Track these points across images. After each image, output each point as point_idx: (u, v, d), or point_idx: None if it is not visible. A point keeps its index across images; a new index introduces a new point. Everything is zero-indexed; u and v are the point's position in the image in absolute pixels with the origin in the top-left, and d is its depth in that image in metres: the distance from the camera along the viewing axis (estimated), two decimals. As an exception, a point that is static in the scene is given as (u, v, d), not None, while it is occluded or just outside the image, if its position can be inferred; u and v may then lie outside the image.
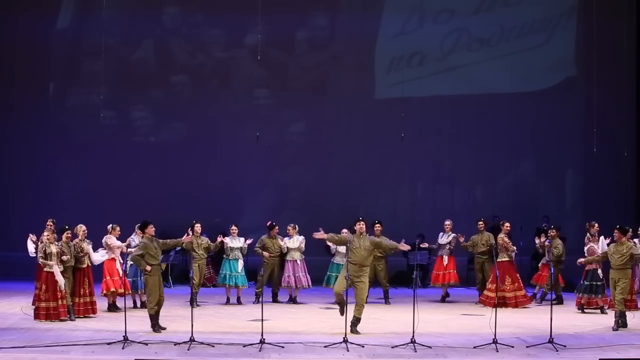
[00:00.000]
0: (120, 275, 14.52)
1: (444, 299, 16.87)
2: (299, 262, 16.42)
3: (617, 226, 13.53)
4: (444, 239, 16.94)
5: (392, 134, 19.58)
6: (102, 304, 14.67)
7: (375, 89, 21.30)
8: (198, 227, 15.69)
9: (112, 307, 14.70)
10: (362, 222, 12.85)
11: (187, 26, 21.22)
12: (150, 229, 12.89)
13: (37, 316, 13.35)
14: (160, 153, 20.82)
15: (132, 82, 20.88)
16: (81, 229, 14.04)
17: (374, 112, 21.05)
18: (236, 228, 16.30)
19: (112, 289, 14.53)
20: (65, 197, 20.47)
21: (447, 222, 16.99)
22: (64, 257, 13.45)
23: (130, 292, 14.81)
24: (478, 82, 21.03)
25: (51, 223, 14.15)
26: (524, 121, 20.99)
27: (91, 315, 13.95)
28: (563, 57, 21.14)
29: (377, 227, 16.34)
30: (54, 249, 13.36)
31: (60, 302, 13.31)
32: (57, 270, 13.29)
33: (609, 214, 20.21)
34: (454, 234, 16.80)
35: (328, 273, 16.62)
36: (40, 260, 13.33)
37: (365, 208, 21.07)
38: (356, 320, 12.70)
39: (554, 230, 16.26)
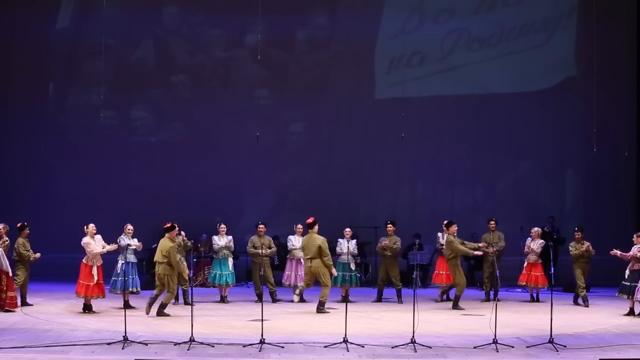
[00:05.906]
0: (95, 281, 14.43)
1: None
2: (302, 261, 16.38)
3: None
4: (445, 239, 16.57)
5: (392, 134, 19.56)
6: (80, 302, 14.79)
7: (375, 89, 21.29)
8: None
9: (86, 308, 14.59)
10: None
11: (187, 26, 21.22)
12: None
13: None
14: (160, 153, 20.81)
15: (132, 82, 20.87)
16: None
17: (374, 112, 21.04)
18: (224, 226, 16.32)
19: (83, 295, 14.51)
20: (65, 196, 20.48)
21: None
22: None
23: (105, 294, 14.78)
24: (478, 82, 21.00)
25: None
26: (524, 121, 20.97)
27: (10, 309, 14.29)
28: (563, 57, 21.12)
29: (389, 227, 16.36)
30: None
31: None
32: None
33: (609, 214, 20.25)
34: None
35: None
36: None
37: (365, 208, 21.10)
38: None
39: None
